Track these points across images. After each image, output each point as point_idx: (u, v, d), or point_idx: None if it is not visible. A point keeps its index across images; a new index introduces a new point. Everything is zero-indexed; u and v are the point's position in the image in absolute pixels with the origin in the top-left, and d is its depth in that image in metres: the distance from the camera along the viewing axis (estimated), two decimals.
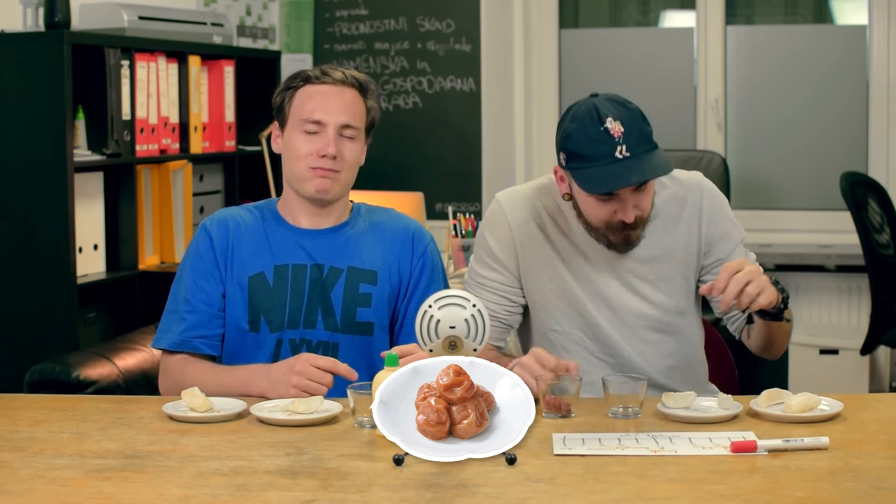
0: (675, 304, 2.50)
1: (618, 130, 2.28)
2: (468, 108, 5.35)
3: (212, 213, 2.58)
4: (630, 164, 2.28)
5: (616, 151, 2.28)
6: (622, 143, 2.28)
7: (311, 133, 2.45)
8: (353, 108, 2.48)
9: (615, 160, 2.28)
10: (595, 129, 2.29)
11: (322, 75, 2.48)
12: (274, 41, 5.50)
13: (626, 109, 2.31)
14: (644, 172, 2.29)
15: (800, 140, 5.32)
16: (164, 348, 2.48)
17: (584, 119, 2.31)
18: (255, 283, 2.46)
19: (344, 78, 2.49)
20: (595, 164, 2.29)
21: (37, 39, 3.69)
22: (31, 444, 2.01)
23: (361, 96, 2.50)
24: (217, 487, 1.78)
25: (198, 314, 2.46)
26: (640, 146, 2.29)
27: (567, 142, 2.33)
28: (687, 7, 5.42)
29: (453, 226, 3.94)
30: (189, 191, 4.28)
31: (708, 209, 2.50)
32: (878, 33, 5.16)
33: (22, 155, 3.65)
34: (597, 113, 2.30)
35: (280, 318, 2.45)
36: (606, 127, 2.28)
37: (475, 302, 2.05)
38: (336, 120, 2.45)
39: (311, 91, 2.47)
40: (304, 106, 2.46)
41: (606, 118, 2.28)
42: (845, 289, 5.09)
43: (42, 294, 3.67)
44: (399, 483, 1.79)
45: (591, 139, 2.29)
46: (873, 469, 1.82)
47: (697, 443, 1.95)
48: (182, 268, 2.53)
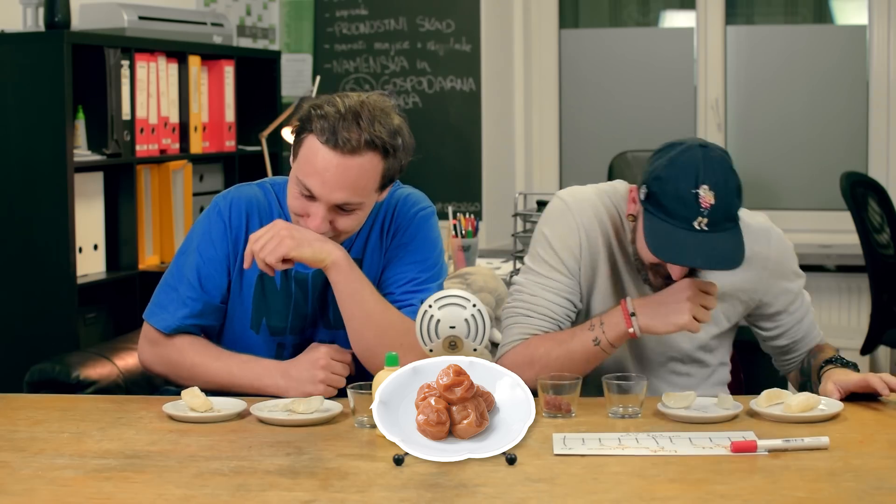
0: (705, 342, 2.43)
1: (707, 201, 2.16)
2: (468, 108, 5.35)
3: (227, 190, 2.44)
4: (702, 241, 2.16)
5: (696, 221, 2.16)
6: (706, 215, 2.16)
7: (306, 197, 2.26)
8: (358, 182, 2.22)
9: (691, 229, 2.16)
10: (687, 188, 2.16)
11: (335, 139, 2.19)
12: (274, 41, 5.50)
13: (726, 180, 2.19)
14: (710, 260, 2.17)
15: (800, 140, 5.32)
16: (159, 329, 2.39)
17: (681, 172, 2.18)
18: (261, 283, 2.39)
19: (358, 144, 2.19)
20: (670, 221, 2.18)
21: (37, 39, 3.69)
22: (31, 444, 2.01)
23: (382, 158, 2.24)
24: (217, 487, 1.78)
25: (201, 303, 2.38)
26: (721, 224, 2.17)
27: (655, 183, 2.20)
28: (687, 7, 5.41)
29: (453, 226, 3.94)
30: (189, 191, 4.28)
31: (775, 259, 2.42)
32: (878, 33, 5.16)
33: (22, 155, 3.65)
34: (697, 173, 2.17)
35: (282, 324, 2.40)
36: (699, 193, 2.16)
37: (475, 302, 2.04)
38: (330, 198, 2.23)
39: (317, 149, 2.21)
40: (306, 162, 2.23)
41: (703, 185, 2.16)
42: (845, 289, 5.09)
43: (42, 294, 3.67)
44: (399, 483, 1.79)
45: (680, 197, 2.17)
46: (873, 469, 1.82)
47: (697, 443, 1.95)
48: (189, 242, 2.41)
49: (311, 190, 2.23)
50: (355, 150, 2.20)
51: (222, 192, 2.45)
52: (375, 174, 2.24)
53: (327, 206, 2.24)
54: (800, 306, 2.45)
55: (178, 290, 2.40)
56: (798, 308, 2.45)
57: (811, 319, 2.47)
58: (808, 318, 2.47)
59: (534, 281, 2.39)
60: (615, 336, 2.28)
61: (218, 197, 2.44)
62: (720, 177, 2.18)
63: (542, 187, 5.43)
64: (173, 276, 2.42)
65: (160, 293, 2.42)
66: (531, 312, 2.37)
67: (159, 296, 2.42)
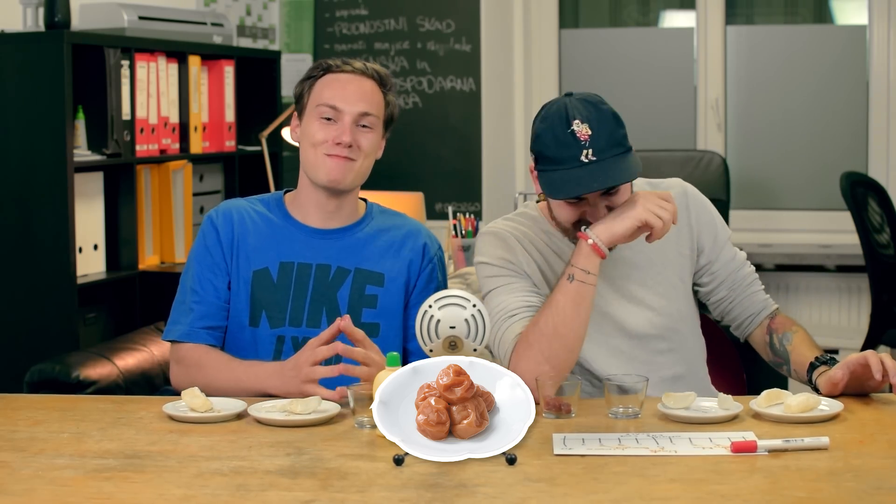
0: (678, 310, 2.44)
1: (584, 133, 2.20)
2: (468, 108, 5.35)
3: (217, 205, 2.57)
4: (594, 170, 2.19)
5: (582, 155, 2.20)
6: (588, 146, 2.20)
7: (328, 120, 2.44)
8: (372, 98, 2.47)
9: (580, 164, 2.20)
10: (562, 131, 2.22)
11: (343, 64, 2.49)
12: (274, 41, 5.50)
13: (597, 111, 2.24)
14: (607, 178, 2.20)
15: (800, 140, 5.32)
16: (174, 339, 2.47)
17: (552, 120, 2.24)
18: (258, 277, 2.47)
19: (364, 69, 2.49)
20: (560, 167, 2.22)
21: (37, 39, 3.69)
22: (31, 444, 2.01)
23: (381, 88, 2.50)
24: (217, 487, 1.78)
25: (205, 304, 2.46)
26: (608, 150, 2.21)
27: (535, 143, 2.27)
28: (687, 7, 5.42)
29: (453, 226, 3.94)
30: (189, 191, 4.28)
31: (694, 210, 2.46)
32: (878, 33, 5.16)
33: (22, 155, 3.65)
34: (565, 114, 2.22)
35: (281, 315, 2.45)
36: (573, 129, 2.21)
37: (475, 302, 2.04)
38: (353, 108, 2.45)
39: (331, 79, 2.48)
40: (322, 93, 2.47)
41: (574, 120, 2.21)
42: (845, 289, 5.09)
43: (42, 294, 3.67)
44: (399, 483, 1.79)
45: (558, 142, 2.22)
46: (873, 469, 1.82)
47: (697, 443, 1.95)
48: (189, 260, 2.53)
49: (335, 103, 2.44)
50: (362, 72, 2.49)
51: (213, 208, 2.55)
52: (381, 99, 2.50)
53: (352, 118, 2.44)
54: (733, 256, 2.47)
55: (184, 303, 2.49)
56: (732, 258, 2.46)
57: (753, 275, 2.48)
58: (746, 269, 2.48)
59: (496, 296, 2.37)
60: (582, 259, 2.23)
61: (210, 212, 2.54)
62: (590, 109, 2.23)
63: None
64: (180, 294, 2.51)
65: (172, 312, 2.51)
66: (511, 313, 2.34)
67: (171, 314, 2.51)
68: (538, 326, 2.24)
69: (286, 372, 2.30)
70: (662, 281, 2.43)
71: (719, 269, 2.47)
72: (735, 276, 2.47)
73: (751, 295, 2.48)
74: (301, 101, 2.51)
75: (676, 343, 2.44)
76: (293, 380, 2.28)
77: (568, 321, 2.23)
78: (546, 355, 2.21)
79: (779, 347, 2.42)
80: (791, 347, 2.39)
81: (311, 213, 2.51)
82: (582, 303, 2.24)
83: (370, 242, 2.51)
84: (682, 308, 2.45)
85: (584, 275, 2.23)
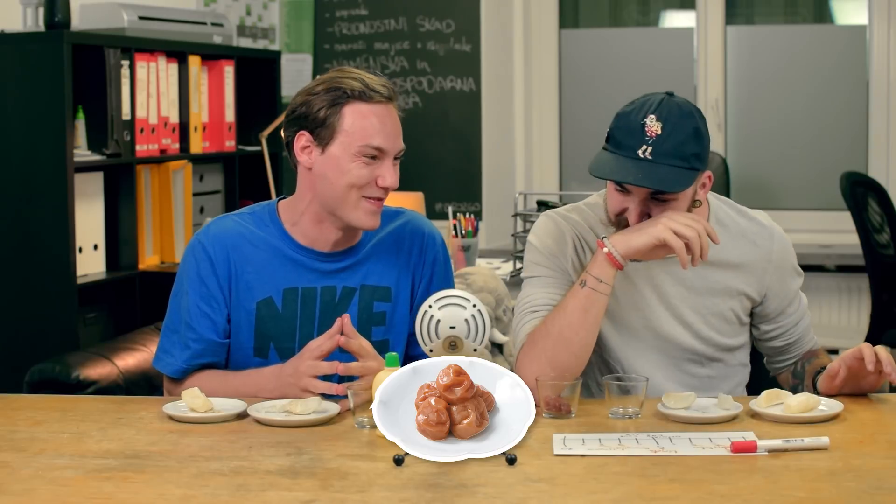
0: (726, 343, 2.38)
1: (653, 131, 2.14)
2: (468, 108, 5.35)
3: (206, 226, 2.43)
4: (642, 167, 2.13)
5: (640, 149, 2.14)
6: (650, 144, 2.13)
7: (370, 159, 2.29)
8: (401, 127, 2.35)
9: (634, 157, 2.14)
10: (636, 119, 2.15)
11: (370, 91, 2.29)
12: (274, 41, 5.50)
13: (680, 118, 2.16)
14: (638, 177, 2.13)
15: (800, 140, 5.32)
16: (168, 375, 2.40)
17: (636, 106, 2.18)
18: (263, 308, 2.36)
19: (388, 92, 2.32)
20: (617, 152, 2.17)
21: (37, 39, 3.69)
22: (31, 444, 2.01)
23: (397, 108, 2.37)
24: (217, 487, 1.78)
25: (203, 343, 2.36)
26: (667, 157, 2.13)
27: (614, 121, 2.21)
28: (687, 7, 5.42)
29: (453, 226, 3.94)
30: (189, 191, 4.28)
31: (777, 257, 2.38)
32: (878, 33, 5.16)
33: (22, 155, 3.65)
34: (649, 107, 2.16)
35: (290, 345, 2.36)
36: (646, 122, 2.14)
37: (475, 302, 2.05)
38: (395, 147, 2.32)
39: (366, 111, 2.29)
40: (362, 127, 2.28)
41: (650, 115, 2.15)
42: (845, 289, 5.09)
43: (42, 294, 3.67)
44: (399, 483, 1.79)
45: (629, 127, 2.16)
46: (873, 469, 1.82)
47: (697, 443, 1.95)
48: (180, 283, 2.40)
49: (380, 145, 2.29)
50: (389, 100, 2.33)
51: (202, 228, 2.43)
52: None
53: (392, 157, 2.33)
54: (798, 307, 2.43)
55: (178, 333, 2.38)
56: (796, 310, 2.43)
57: (808, 323, 2.46)
58: (805, 320, 2.45)
59: (530, 284, 2.37)
60: (596, 267, 2.20)
61: (199, 233, 2.41)
62: (673, 113, 2.16)
63: (542, 187, 5.44)
64: (172, 320, 2.40)
65: (163, 338, 2.41)
66: (534, 308, 2.32)
67: (163, 341, 2.41)
68: (545, 327, 2.24)
69: (285, 378, 2.27)
70: (718, 313, 2.36)
71: (784, 322, 2.42)
72: (793, 332, 2.43)
73: (800, 347, 2.45)
74: (326, 127, 2.29)
75: (717, 371, 2.40)
76: (291, 386, 2.25)
77: (574, 326, 2.20)
78: (548, 356, 2.20)
79: (799, 370, 2.42)
80: (809, 367, 2.39)
81: (318, 241, 2.38)
82: (591, 309, 2.20)
83: (372, 255, 2.42)
84: (730, 343, 2.39)
85: (595, 282, 2.20)
